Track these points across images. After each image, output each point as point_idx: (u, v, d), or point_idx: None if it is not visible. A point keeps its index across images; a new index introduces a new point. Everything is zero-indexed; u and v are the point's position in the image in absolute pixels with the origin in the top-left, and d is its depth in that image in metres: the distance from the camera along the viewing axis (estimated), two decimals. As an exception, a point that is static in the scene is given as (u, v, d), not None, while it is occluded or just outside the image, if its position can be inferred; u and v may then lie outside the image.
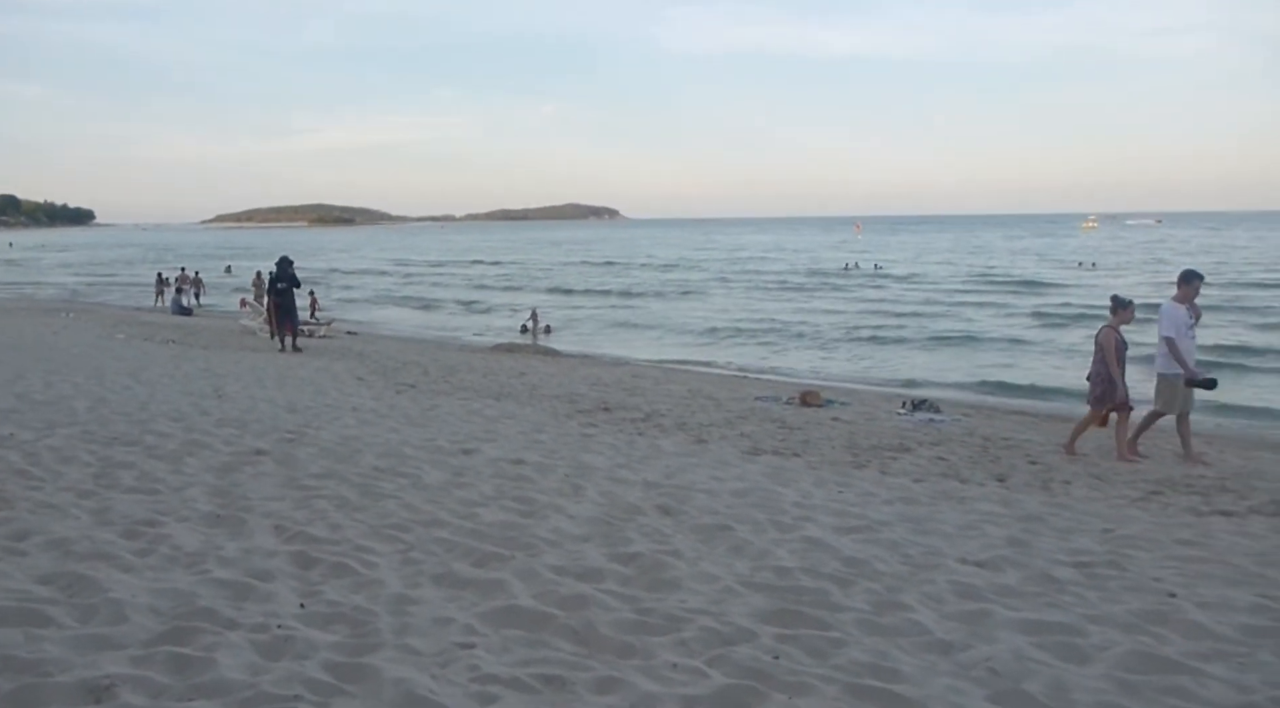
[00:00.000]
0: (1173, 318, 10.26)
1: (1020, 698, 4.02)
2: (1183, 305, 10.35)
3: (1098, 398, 10.52)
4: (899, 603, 5.21)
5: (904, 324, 32.96)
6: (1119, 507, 8.11)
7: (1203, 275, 10.64)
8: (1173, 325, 10.21)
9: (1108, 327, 10.56)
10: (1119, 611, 5.19)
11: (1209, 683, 4.24)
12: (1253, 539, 6.94)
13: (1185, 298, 10.41)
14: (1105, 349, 10.40)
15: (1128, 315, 10.58)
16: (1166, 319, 10.28)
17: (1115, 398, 10.38)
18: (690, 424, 12.23)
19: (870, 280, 53.77)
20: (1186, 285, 10.42)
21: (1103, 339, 10.48)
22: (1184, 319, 10.29)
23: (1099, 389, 10.48)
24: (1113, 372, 10.33)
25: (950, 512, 7.61)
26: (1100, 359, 10.47)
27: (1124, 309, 10.57)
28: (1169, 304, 10.42)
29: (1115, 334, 10.46)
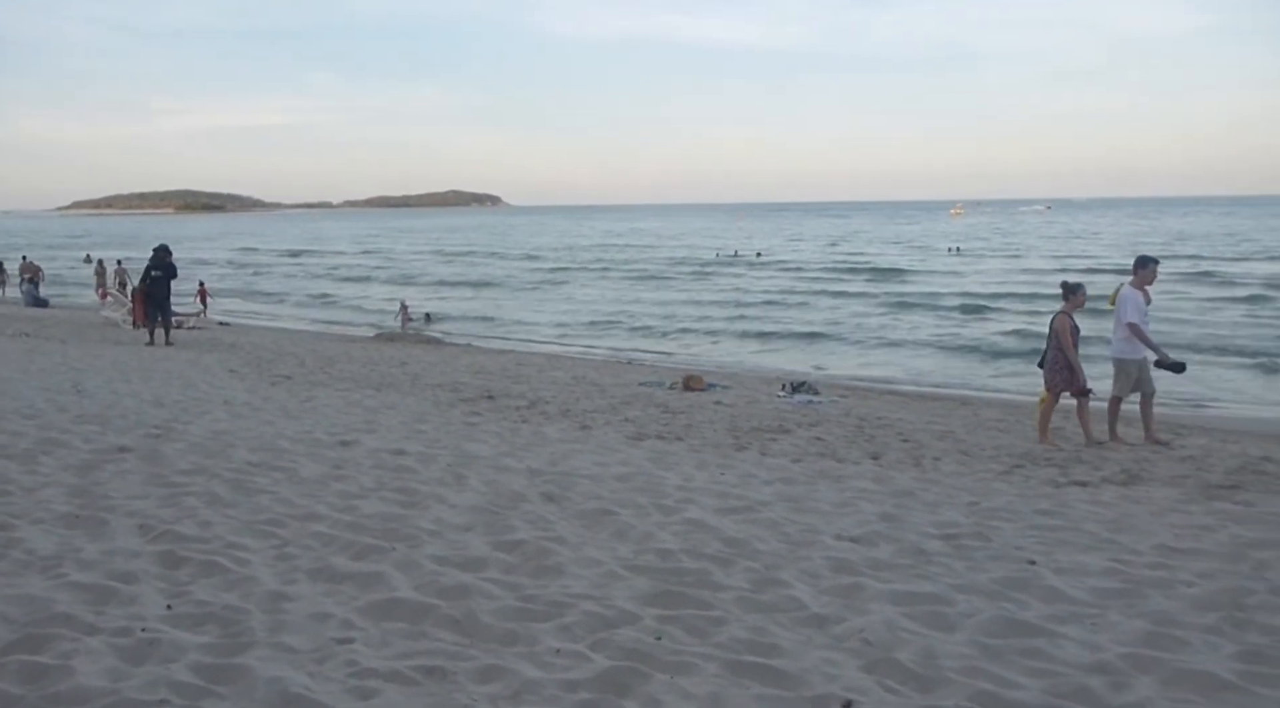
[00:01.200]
0: (1134, 304, 10.21)
1: (891, 667, 4.17)
2: (1140, 291, 10.34)
3: (1057, 384, 10.41)
4: (778, 580, 5.33)
5: (774, 312, 33.43)
6: (985, 481, 8.48)
7: (1157, 259, 10.68)
8: (1135, 311, 10.19)
9: (1061, 313, 10.44)
10: (983, 579, 5.44)
11: (1064, 644, 4.49)
12: (1104, 507, 7.37)
13: (1142, 283, 10.40)
14: (1061, 335, 10.27)
15: (1079, 300, 10.45)
16: (1129, 305, 10.20)
17: (1076, 384, 10.29)
18: (574, 411, 12.23)
19: (749, 267, 54.40)
20: (1143, 270, 10.44)
21: (1057, 325, 10.35)
22: (1143, 305, 10.29)
23: (1059, 376, 10.36)
24: (1070, 357, 10.25)
25: (827, 490, 7.83)
26: (1057, 345, 10.33)
27: (1075, 294, 10.45)
28: (1128, 290, 10.32)
29: (1069, 320, 10.37)
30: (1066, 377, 10.31)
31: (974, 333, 27.24)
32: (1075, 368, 10.28)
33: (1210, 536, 6.47)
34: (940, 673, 4.12)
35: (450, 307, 37.20)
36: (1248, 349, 22.66)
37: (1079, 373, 10.30)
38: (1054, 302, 31.03)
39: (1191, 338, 23.85)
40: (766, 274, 49.96)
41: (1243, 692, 3.98)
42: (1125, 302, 10.24)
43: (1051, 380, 10.48)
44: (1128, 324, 10.16)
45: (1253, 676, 4.15)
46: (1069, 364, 10.28)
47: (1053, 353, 10.43)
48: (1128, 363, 10.30)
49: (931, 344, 25.61)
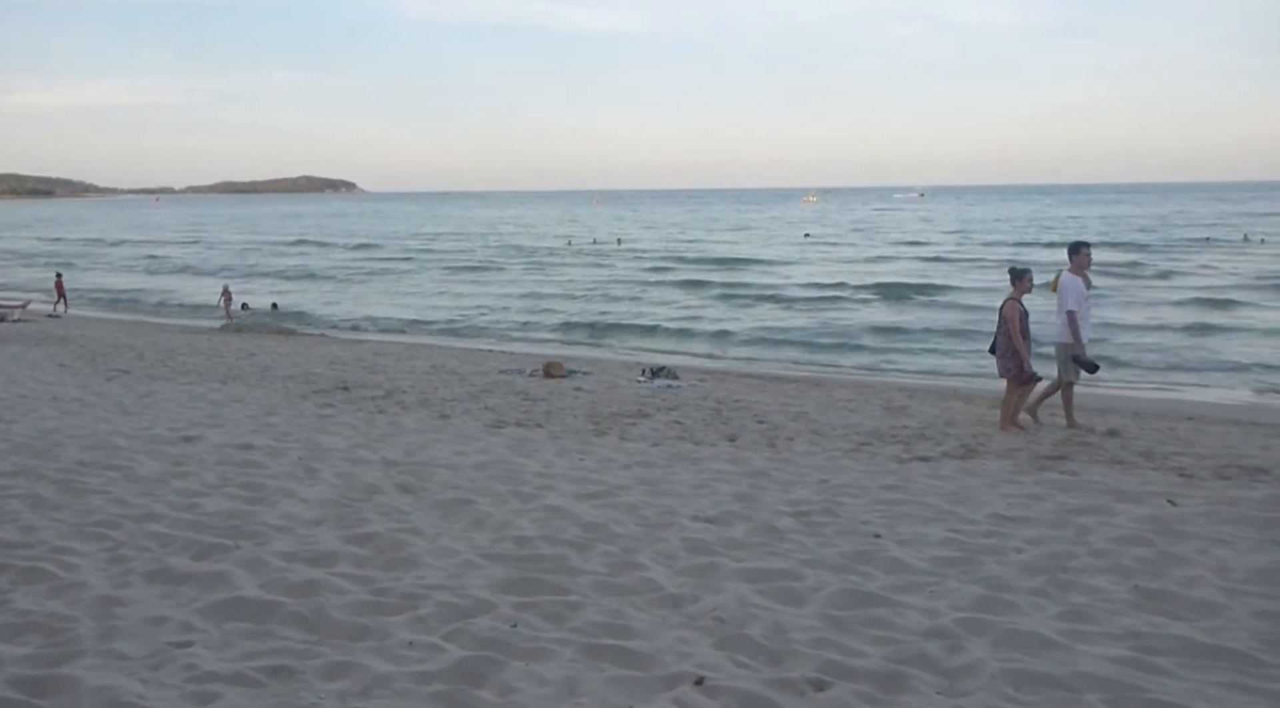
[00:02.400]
0: (1074, 290, 10.16)
1: (743, 643, 4.27)
2: (1079, 276, 10.29)
3: (1009, 370, 10.27)
4: (634, 563, 5.39)
5: (616, 307, 31.84)
6: (834, 458, 8.78)
7: (1089, 243, 10.64)
8: (1074, 298, 10.13)
9: (1010, 299, 10.28)
10: (831, 554, 5.63)
11: (905, 612, 4.69)
12: (944, 480, 7.74)
13: (1080, 268, 10.33)
14: (1009, 322, 10.14)
15: (1026, 285, 10.31)
16: (1069, 292, 10.16)
17: (1022, 371, 10.20)
18: (433, 400, 12.03)
19: (609, 255, 53.20)
20: (1077, 255, 10.38)
21: (1006, 312, 10.21)
22: (1083, 291, 10.23)
23: (1009, 362, 10.23)
24: (1015, 343, 10.12)
25: (684, 472, 7.95)
26: (1006, 332, 10.21)
27: (1021, 279, 10.34)
28: (1068, 276, 10.25)
29: (1019, 306, 10.23)
30: (1016, 363, 10.20)
31: (813, 321, 27.07)
32: (1020, 354, 10.15)
33: (1039, 504, 6.88)
34: (789, 646, 4.24)
35: (266, 300, 33.42)
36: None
37: (1024, 360, 10.17)
38: (866, 291, 32.03)
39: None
40: (620, 262, 48.45)
41: (1064, 648, 4.25)
42: (1066, 289, 10.20)
43: (1003, 367, 10.35)
44: (1066, 312, 10.15)
45: (1074, 633, 4.44)
46: (1017, 350, 10.17)
47: (1002, 339, 10.31)
48: (1071, 346, 10.21)
49: (769, 334, 25.03)
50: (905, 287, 33.75)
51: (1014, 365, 10.19)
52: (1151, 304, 28.03)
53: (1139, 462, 8.60)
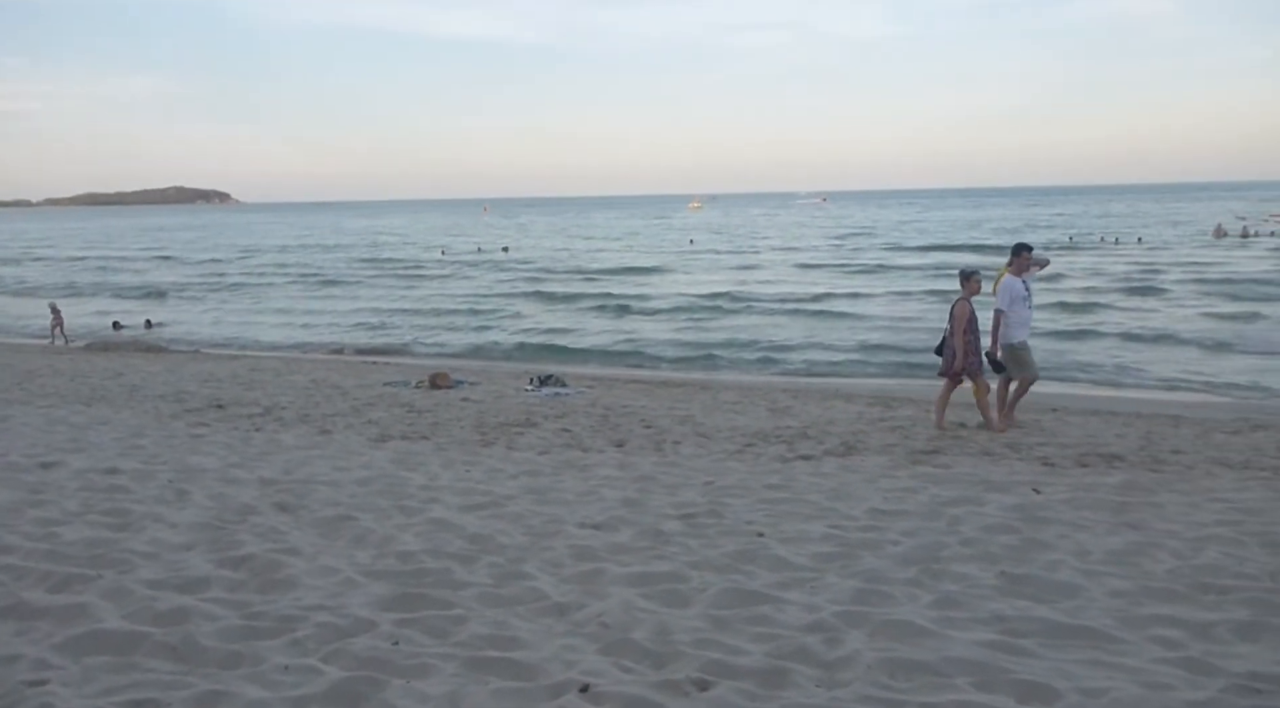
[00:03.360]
0: (1009, 291, 10.37)
1: (628, 647, 4.29)
2: (1019, 278, 10.50)
3: (971, 369, 10.39)
4: (520, 573, 5.35)
5: (481, 320, 30.49)
6: (720, 460, 8.90)
7: (1031, 246, 10.89)
8: (1007, 299, 10.33)
9: (961, 299, 10.41)
10: (716, 554, 5.71)
11: (786, 608, 4.79)
12: (825, 477, 7.94)
13: (1020, 269, 10.57)
14: (957, 321, 10.27)
15: (975, 286, 10.43)
16: (1003, 293, 10.38)
17: (955, 367, 10.32)
18: (314, 415, 11.71)
19: (483, 265, 50.85)
20: (1017, 258, 10.63)
21: (957, 311, 10.33)
22: (1020, 292, 10.41)
23: (970, 360, 10.33)
24: (955, 342, 10.28)
25: (572, 480, 7.94)
26: (955, 331, 10.34)
27: (969, 280, 10.46)
28: (1009, 278, 10.48)
29: (969, 306, 10.36)
30: (975, 360, 10.31)
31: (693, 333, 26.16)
32: (958, 352, 10.29)
33: (913, 497, 7.12)
34: (673, 647, 4.28)
35: (139, 318, 30.49)
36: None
37: (959, 357, 10.30)
38: (732, 301, 31.66)
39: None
40: (490, 274, 46.21)
41: (937, 635, 4.41)
42: (1003, 289, 10.43)
43: (961, 365, 10.43)
44: (995, 311, 10.36)
45: (945, 620, 4.61)
46: (968, 348, 10.29)
47: (954, 339, 10.41)
48: (1016, 347, 10.43)
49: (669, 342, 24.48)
50: (774, 296, 33.14)
51: (974, 364, 10.36)
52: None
53: (1007, 453, 9.00)
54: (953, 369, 10.40)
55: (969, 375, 10.44)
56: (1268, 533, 6.08)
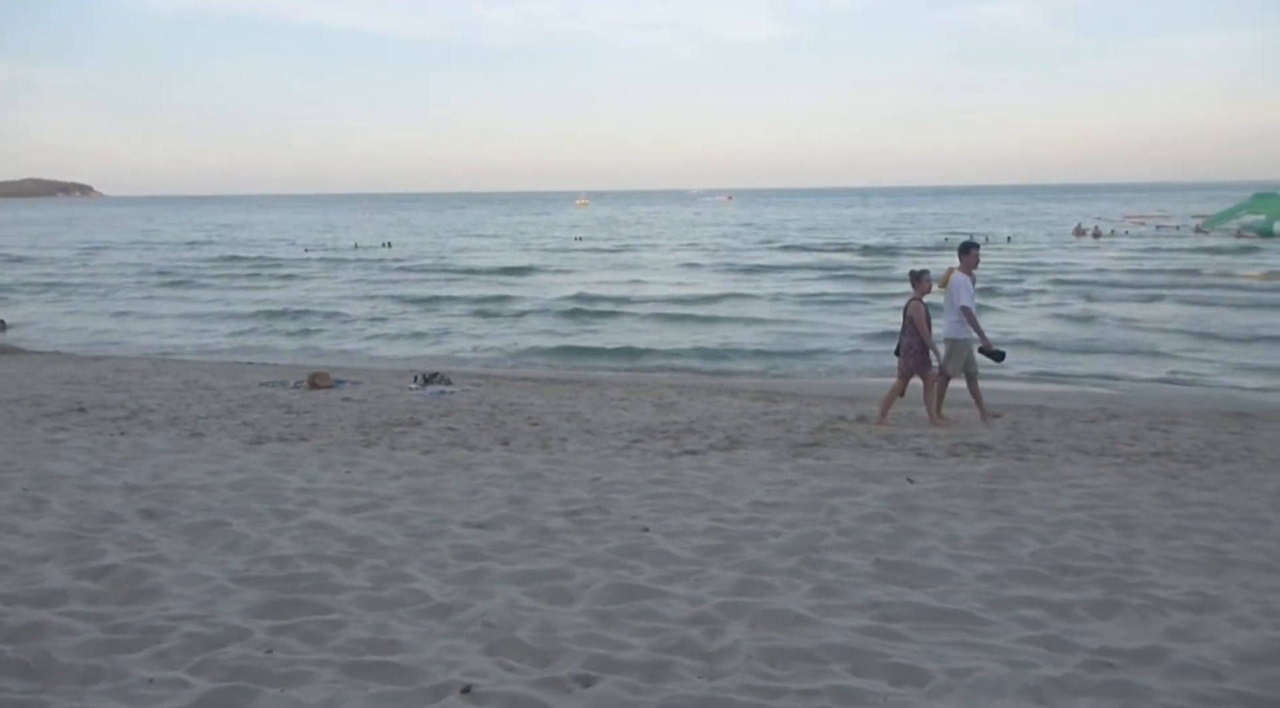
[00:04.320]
0: (966, 288, 10.63)
1: (511, 646, 4.26)
2: (968, 274, 10.78)
3: (910, 369, 10.61)
4: (402, 574, 5.26)
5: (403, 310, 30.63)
6: (606, 456, 8.92)
7: (978, 244, 11.26)
8: (968, 295, 10.62)
9: (914, 299, 10.62)
10: (601, 550, 5.72)
11: (671, 601, 4.84)
12: (709, 472, 8.04)
13: (969, 267, 10.82)
14: (917, 322, 10.47)
15: (926, 286, 10.70)
16: (962, 290, 10.59)
17: (928, 367, 10.55)
18: (185, 418, 11.24)
19: (369, 262, 48.97)
20: (966, 255, 10.88)
21: (913, 312, 10.51)
22: (972, 288, 10.74)
23: (912, 360, 10.58)
24: (926, 342, 10.48)
25: (457, 479, 7.84)
26: (912, 332, 10.52)
27: (920, 280, 10.73)
28: (959, 275, 10.69)
29: (922, 306, 10.59)
30: (920, 360, 10.57)
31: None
32: (932, 351, 10.54)
33: (794, 489, 7.28)
34: (558, 645, 4.27)
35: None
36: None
37: (936, 354, 10.57)
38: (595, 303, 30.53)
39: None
40: (360, 270, 44.40)
41: (815, 623, 4.52)
42: (958, 286, 10.66)
43: (906, 364, 10.70)
44: (961, 308, 10.56)
45: (823, 608, 4.73)
46: (923, 348, 10.53)
47: (908, 338, 10.63)
48: (960, 343, 10.64)
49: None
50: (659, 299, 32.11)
51: (916, 363, 10.56)
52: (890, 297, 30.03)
53: (883, 445, 9.29)
54: (943, 366, 10.59)
55: (919, 374, 10.65)
56: (1121, 516, 6.45)
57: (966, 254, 10.92)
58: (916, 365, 10.58)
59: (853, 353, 21.05)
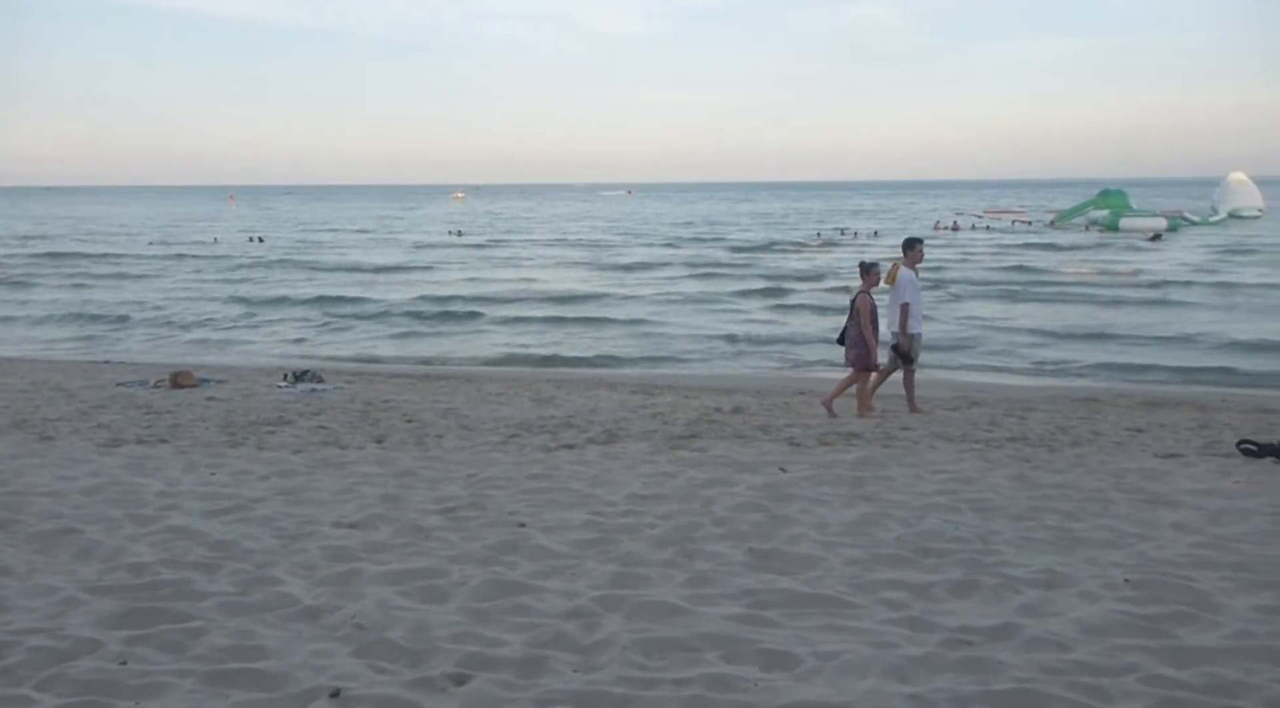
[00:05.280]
0: (912, 283, 10.82)
1: (383, 647, 4.18)
2: (912, 270, 10.94)
3: (857, 359, 10.73)
4: (269, 578, 5.10)
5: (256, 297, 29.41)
6: (483, 452, 8.83)
7: (922, 239, 11.35)
8: (912, 291, 10.78)
9: (862, 292, 10.74)
10: (477, 547, 5.67)
11: (546, 596, 4.84)
12: (587, 466, 8.06)
13: (913, 262, 10.98)
14: (862, 314, 10.59)
15: (874, 279, 10.81)
16: (907, 286, 10.78)
17: (869, 360, 10.68)
18: (33, 420, 10.61)
19: (219, 258, 45.38)
20: (911, 251, 11.03)
21: (859, 304, 10.63)
22: (917, 283, 10.92)
23: (856, 351, 10.69)
24: (867, 335, 10.60)
25: (328, 479, 7.64)
26: (857, 323, 10.65)
27: (869, 273, 10.84)
28: (905, 270, 10.86)
29: (870, 299, 10.72)
30: (862, 352, 10.68)
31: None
32: (871, 345, 10.67)
33: (671, 481, 7.37)
34: (431, 644, 4.22)
35: None
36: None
37: (873, 350, 10.70)
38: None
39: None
40: (201, 269, 40.99)
41: (689, 613, 4.59)
42: (905, 283, 10.84)
43: (848, 356, 10.84)
44: (901, 304, 10.79)
45: (697, 598, 4.81)
46: (866, 341, 10.65)
47: (853, 330, 10.74)
48: (913, 337, 10.86)
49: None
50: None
51: (857, 356, 10.70)
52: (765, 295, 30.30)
53: (757, 435, 9.48)
54: (874, 362, 10.76)
55: (853, 365, 10.83)
56: (979, 499, 6.76)
57: (911, 249, 11.12)
58: (861, 357, 10.76)
59: (706, 360, 19.70)
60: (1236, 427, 10.23)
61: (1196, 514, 6.44)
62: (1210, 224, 60.08)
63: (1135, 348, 19.30)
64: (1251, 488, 7.26)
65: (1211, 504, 6.69)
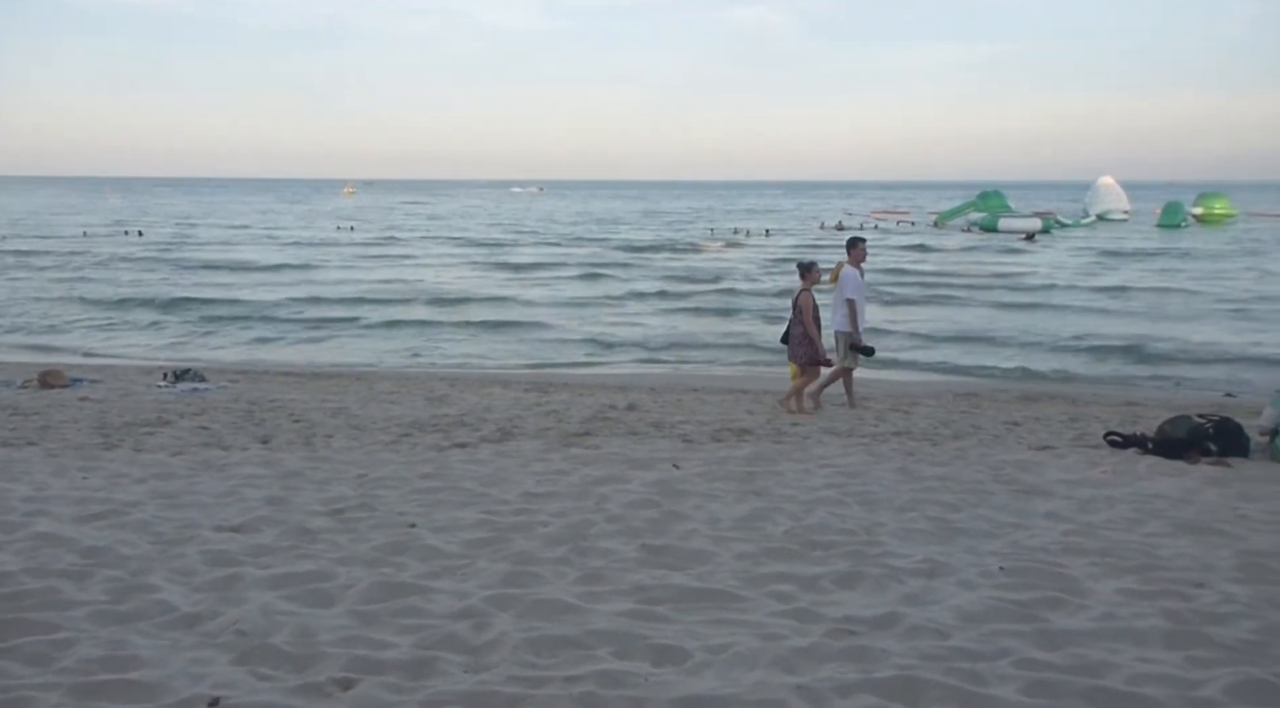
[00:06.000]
0: (854, 282, 11.00)
1: (265, 653, 4.06)
2: (856, 268, 11.14)
3: (800, 357, 10.92)
4: (144, 585, 4.90)
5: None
6: (374, 452, 8.66)
7: (865, 238, 11.63)
8: (855, 289, 10.95)
9: (803, 290, 10.88)
10: (365, 549, 5.56)
11: (436, 597, 4.77)
12: (480, 464, 7.98)
13: (856, 260, 11.18)
14: (805, 312, 10.75)
15: (815, 277, 10.96)
16: (850, 283, 10.98)
17: (818, 356, 10.86)
18: (-118, 423, 9.95)
19: (76, 254, 42.08)
20: (854, 249, 11.23)
21: (802, 302, 10.79)
22: (861, 282, 11.10)
23: (802, 349, 10.87)
24: (810, 332, 10.76)
25: (210, 481, 7.38)
26: (800, 321, 10.81)
27: (810, 272, 10.97)
28: (848, 269, 11.09)
29: (812, 297, 10.87)
30: (809, 349, 10.85)
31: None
32: (816, 341, 10.87)
33: (565, 478, 7.35)
34: (316, 649, 4.12)
35: None
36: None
37: (819, 346, 10.91)
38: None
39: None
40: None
41: (581, 610, 4.59)
42: (847, 280, 11.04)
43: (795, 353, 10.99)
44: (846, 300, 10.97)
45: (589, 595, 4.82)
46: (811, 338, 10.84)
47: (797, 328, 10.90)
48: (847, 334, 11.08)
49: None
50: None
51: (809, 352, 10.88)
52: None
53: (651, 432, 9.55)
54: (822, 357, 10.93)
55: (795, 362, 11.03)
56: (866, 493, 6.95)
57: (854, 248, 11.41)
58: (806, 355, 10.95)
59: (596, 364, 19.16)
60: (1104, 419, 10.78)
61: (1067, 503, 6.76)
62: (1081, 226, 63.05)
63: (1010, 348, 20.02)
64: (1117, 477, 7.67)
65: (1081, 493, 7.04)
